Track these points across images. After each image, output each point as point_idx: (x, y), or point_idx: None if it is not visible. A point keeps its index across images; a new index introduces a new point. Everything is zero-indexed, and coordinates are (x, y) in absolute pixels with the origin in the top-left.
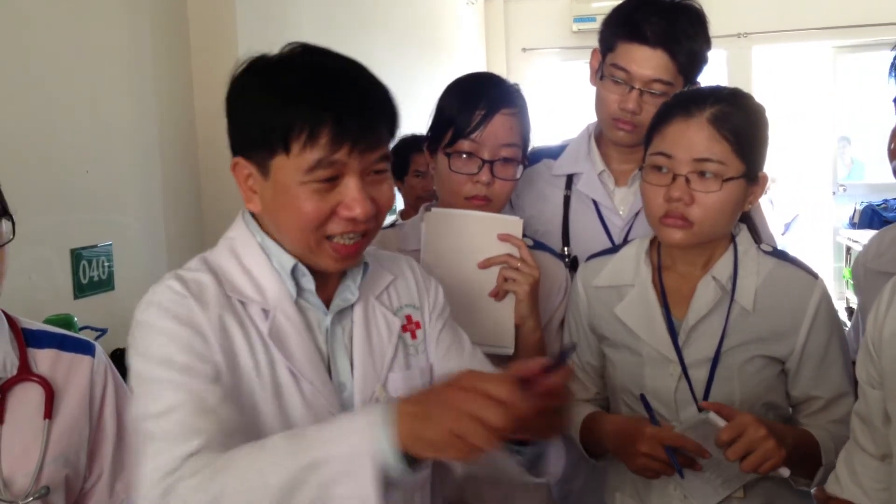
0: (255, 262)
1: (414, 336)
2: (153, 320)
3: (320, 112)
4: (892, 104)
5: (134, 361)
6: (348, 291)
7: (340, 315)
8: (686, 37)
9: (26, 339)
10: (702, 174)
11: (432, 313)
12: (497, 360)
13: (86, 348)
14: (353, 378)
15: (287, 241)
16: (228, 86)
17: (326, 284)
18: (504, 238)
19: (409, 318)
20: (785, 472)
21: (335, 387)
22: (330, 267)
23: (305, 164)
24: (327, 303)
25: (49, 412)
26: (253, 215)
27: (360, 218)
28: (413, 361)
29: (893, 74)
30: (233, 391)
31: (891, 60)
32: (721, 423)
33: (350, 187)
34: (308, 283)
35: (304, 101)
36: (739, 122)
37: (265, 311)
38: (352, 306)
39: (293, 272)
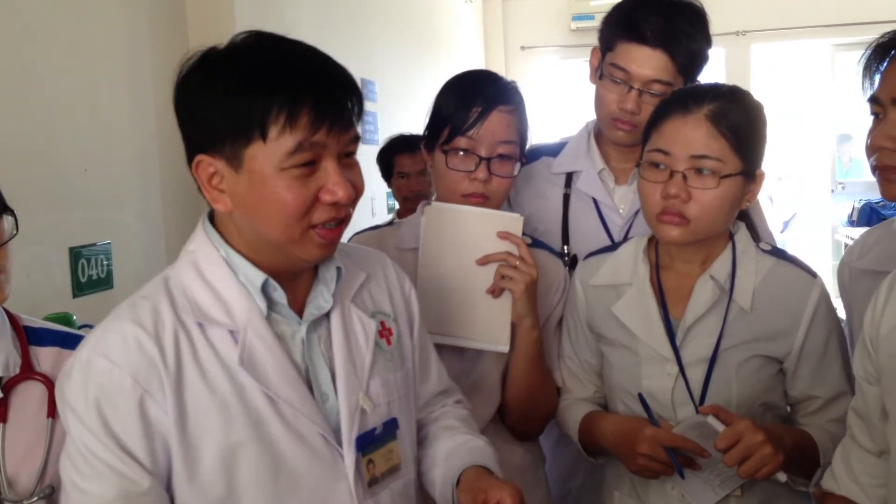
0: (219, 279)
1: (389, 342)
2: (98, 378)
3: (299, 94)
4: (868, 103)
5: (69, 415)
6: (321, 298)
7: (314, 323)
8: (686, 36)
9: (28, 338)
10: (699, 171)
11: (412, 327)
12: (493, 356)
13: None
14: (335, 388)
15: (267, 236)
16: (178, 83)
17: (296, 293)
18: (504, 236)
19: (382, 323)
20: (782, 476)
21: (317, 400)
22: (313, 256)
23: (285, 149)
24: (299, 311)
25: (52, 411)
26: (214, 226)
27: (343, 201)
28: (390, 367)
29: (868, 74)
30: (187, 446)
31: (864, 61)
32: (720, 427)
33: (329, 171)
34: (280, 297)
35: (282, 85)
36: (738, 118)
37: (233, 334)
38: (327, 314)
39: (263, 288)
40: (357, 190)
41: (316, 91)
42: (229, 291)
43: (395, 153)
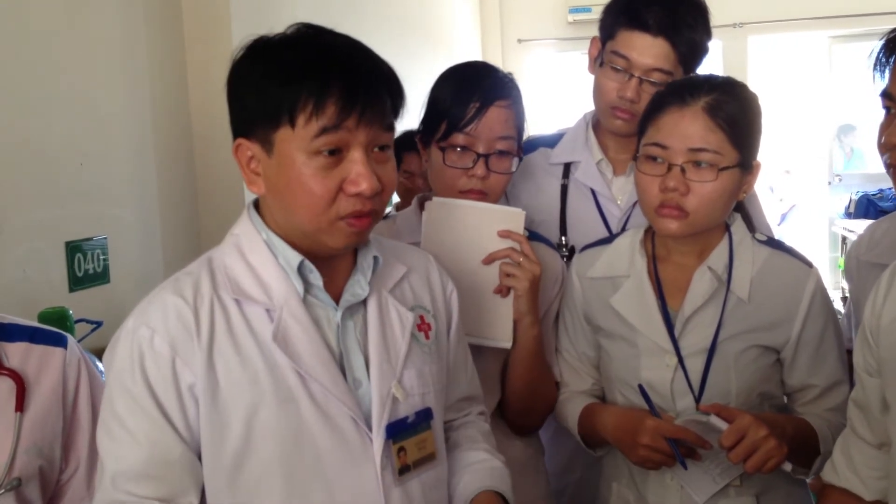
0: (260, 260)
1: (427, 337)
2: (141, 344)
3: (327, 83)
4: (880, 98)
5: (112, 380)
6: (358, 286)
7: (351, 310)
8: (687, 26)
9: None
10: (697, 164)
11: (450, 328)
12: (493, 352)
13: (57, 340)
14: (368, 374)
15: (296, 223)
16: (230, 69)
17: (334, 280)
18: (504, 234)
19: (422, 317)
20: (787, 466)
21: (350, 384)
22: (341, 244)
23: (312, 132)
24: (336, 298)
25: (20, 405)
26: (258, 211)
27: (366, 193)
28: (427, 360)
29: (878, 68)
30: (215, 418)
31: (875, 54)
32: (723, 425)
33: (355, 161)
34: (316, 279)
35: (312, 72)
36: (734, 110)
37: (269, 312)
38: (364, 301)
39: (300, 269)
40: (385, 184)
41: (345, 82)
42: (269, 272)
43: (404, 150)
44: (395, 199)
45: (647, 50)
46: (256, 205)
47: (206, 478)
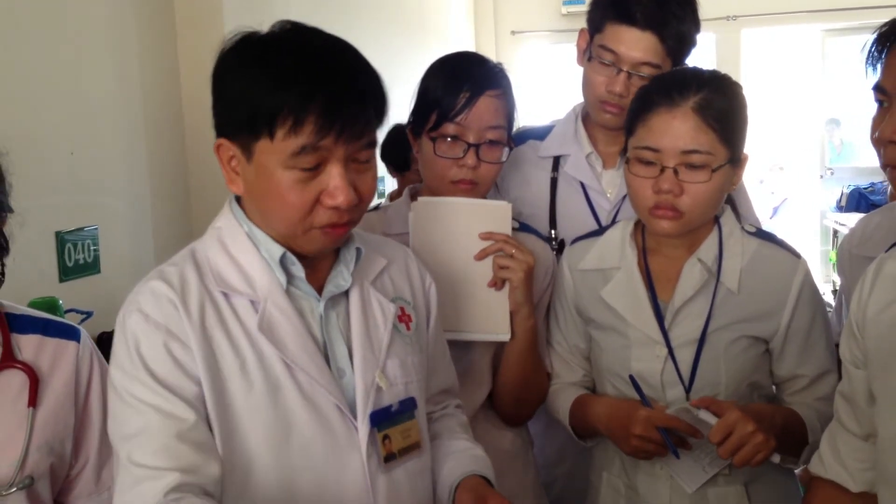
0: (242, 252)
1: (408, 328)
2: (134, 329)
3: (307, 100)
4: (872, 91)
5: (113, 371)
6: (340, 277)
7: (333, 301)
8: (675, 19)
9: (10, 325)
10: (689, 165)
11: (429, 320)
12: (483, 344)
13: (71, 334)
14: (352, 364)
15: (273, 227)
16: (216, 62)
17: (317, 271)
18: (486, 237)
19: (402, 309)
20: (775, 458)
21: (334, 373)
22: (316, 249)
23: (290, 150)
24: (319, 289)
25: (33, 400)
26: (239, 204)
27: (342, 206)
28: (409, 350)
29: (870, 62)
30: (215, 400)
31: (868, 48)
32: (712, 419)
33: (333, 175)
34: (298, 270)
35: (292, 87)
36: (723, 107)
37: (254, 303)
38: (346, 292)
39: (282, 261)
40: (362, 195)
41: (327, 98)
42: (251, 264)
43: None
44: (387, 191)
45: (635, 44)
46: (238, 197)
47: None
